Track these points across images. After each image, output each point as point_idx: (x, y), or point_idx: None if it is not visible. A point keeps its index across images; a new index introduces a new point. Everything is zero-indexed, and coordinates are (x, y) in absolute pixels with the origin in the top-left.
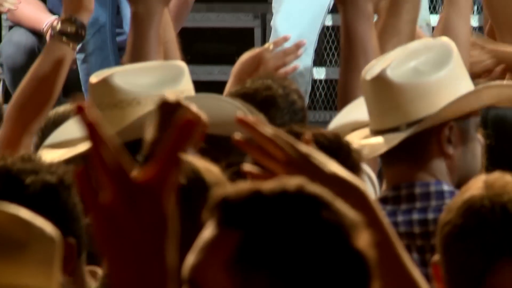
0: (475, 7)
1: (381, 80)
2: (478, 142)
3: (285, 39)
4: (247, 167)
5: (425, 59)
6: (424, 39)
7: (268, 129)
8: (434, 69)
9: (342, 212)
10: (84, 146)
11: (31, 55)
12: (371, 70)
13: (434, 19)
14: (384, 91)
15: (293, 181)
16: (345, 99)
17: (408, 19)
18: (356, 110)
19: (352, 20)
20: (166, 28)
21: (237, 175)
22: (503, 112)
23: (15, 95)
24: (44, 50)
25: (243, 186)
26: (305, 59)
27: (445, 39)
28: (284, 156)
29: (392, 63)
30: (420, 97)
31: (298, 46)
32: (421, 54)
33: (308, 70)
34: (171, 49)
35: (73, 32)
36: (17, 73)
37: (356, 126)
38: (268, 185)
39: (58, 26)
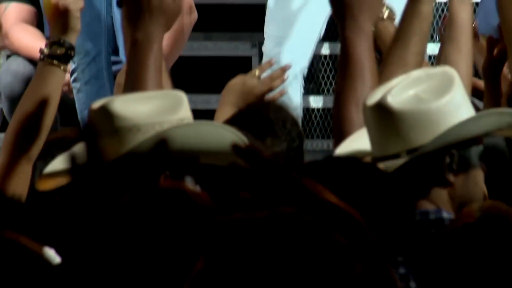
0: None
1: (381, 107)
2: (480, 170)
3: (271, 64)
4: (243, 194)
5: (426, 87)
6: (426, 67)
7: (264, 156)
8: (435, 96)
9: (338, 239)
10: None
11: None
12: (372, 96)
13: (431, 47)
14: (384, 118)
15: (287, 209)
16: (338, 116)
17: (415, 52)
18: (360, 139)
19: (351, 36)
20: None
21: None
22: (494, 141)
23: (12, 121)
24: (36, 75)
25: (236, 214)
26: (295, 85)
27: (447, 67)
28: (278, 183)
29: (393, 90)
30: (420, 124)
31: (284, 70)
32: (422, 81)
33: (299, 96)
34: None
35: (62, 54)
36: (15, 102)
37: (359, 155)
38: (261, 214)
39: (47, 50)
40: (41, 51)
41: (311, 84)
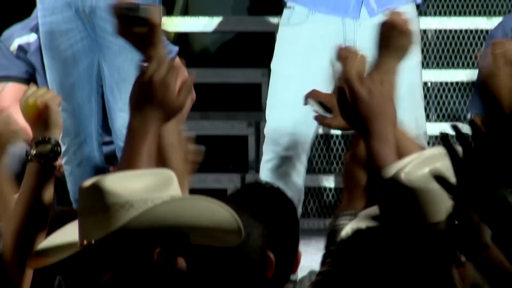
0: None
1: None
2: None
3: None
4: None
5: (440, 166)
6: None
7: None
8: (449, 175)
9: None
10: (71, 251)
11: (25, 164)
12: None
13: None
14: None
15: None
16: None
17: None
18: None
19: (377, 147)
20: (170, 132)
21: None
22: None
23: (10, 222)
24: (26, 175)
25: None
26: (300, 167)
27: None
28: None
29: (406, 168)
30: (433, 202)
31: None
32: (436, 160)
33: (302, 179)
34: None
35: (49, 151)
36: (12, 182)
37: None
38: None
39: (33, 151)
40: (27, 152)
41: (307, 163)
